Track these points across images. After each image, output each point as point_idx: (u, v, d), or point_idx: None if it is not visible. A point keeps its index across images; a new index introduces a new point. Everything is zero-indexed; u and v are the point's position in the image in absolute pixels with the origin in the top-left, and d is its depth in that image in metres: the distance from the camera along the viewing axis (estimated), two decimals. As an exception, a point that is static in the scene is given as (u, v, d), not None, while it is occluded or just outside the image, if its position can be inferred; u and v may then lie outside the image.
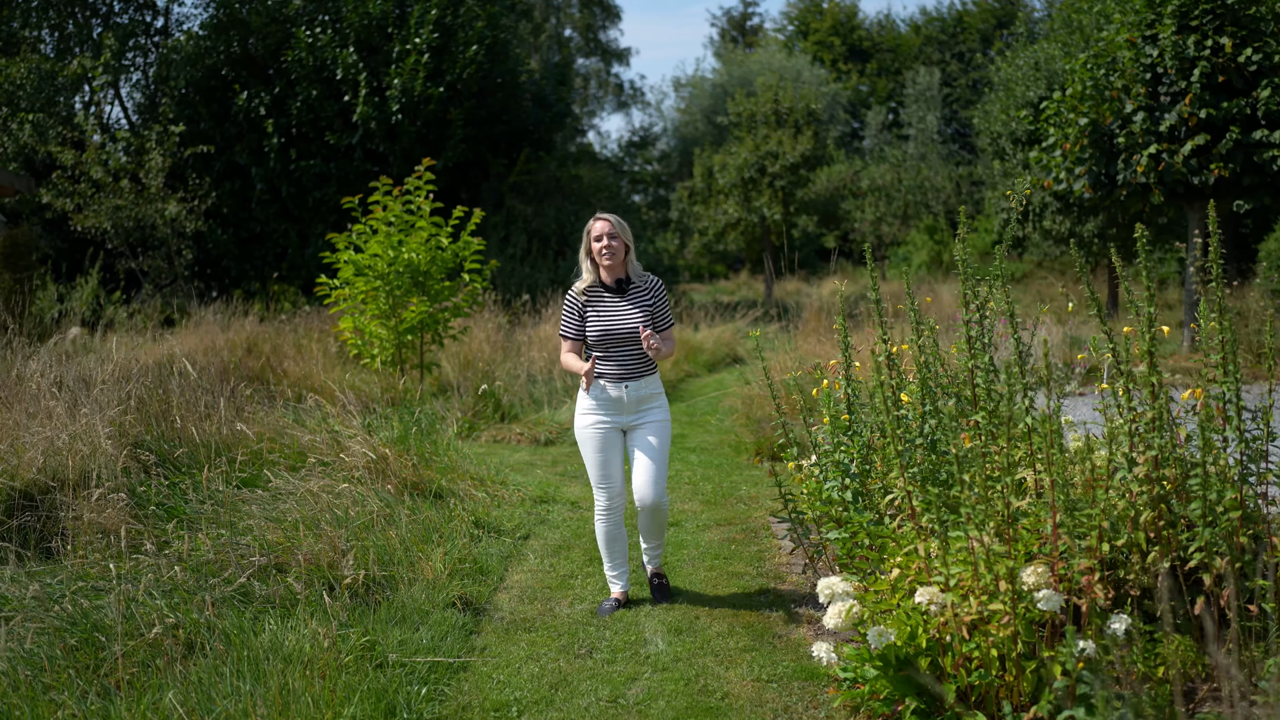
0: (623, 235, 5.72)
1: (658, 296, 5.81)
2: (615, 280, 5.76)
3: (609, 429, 5.72)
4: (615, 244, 5.68)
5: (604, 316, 5.68)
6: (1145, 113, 15.42)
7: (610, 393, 5.67)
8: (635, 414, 5.73)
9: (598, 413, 5.71)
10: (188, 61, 20.52)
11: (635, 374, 5.70)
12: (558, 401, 11.42)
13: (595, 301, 5.75)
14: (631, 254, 5.81)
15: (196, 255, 21.03)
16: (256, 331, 13.87)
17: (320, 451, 7.88)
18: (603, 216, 5.77)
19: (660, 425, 5.76)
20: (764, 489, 8.59)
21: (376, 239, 11.48)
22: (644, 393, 5.72)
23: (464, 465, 8.52)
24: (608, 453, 5.71)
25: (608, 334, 5.65)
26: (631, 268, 5.81)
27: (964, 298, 5.03)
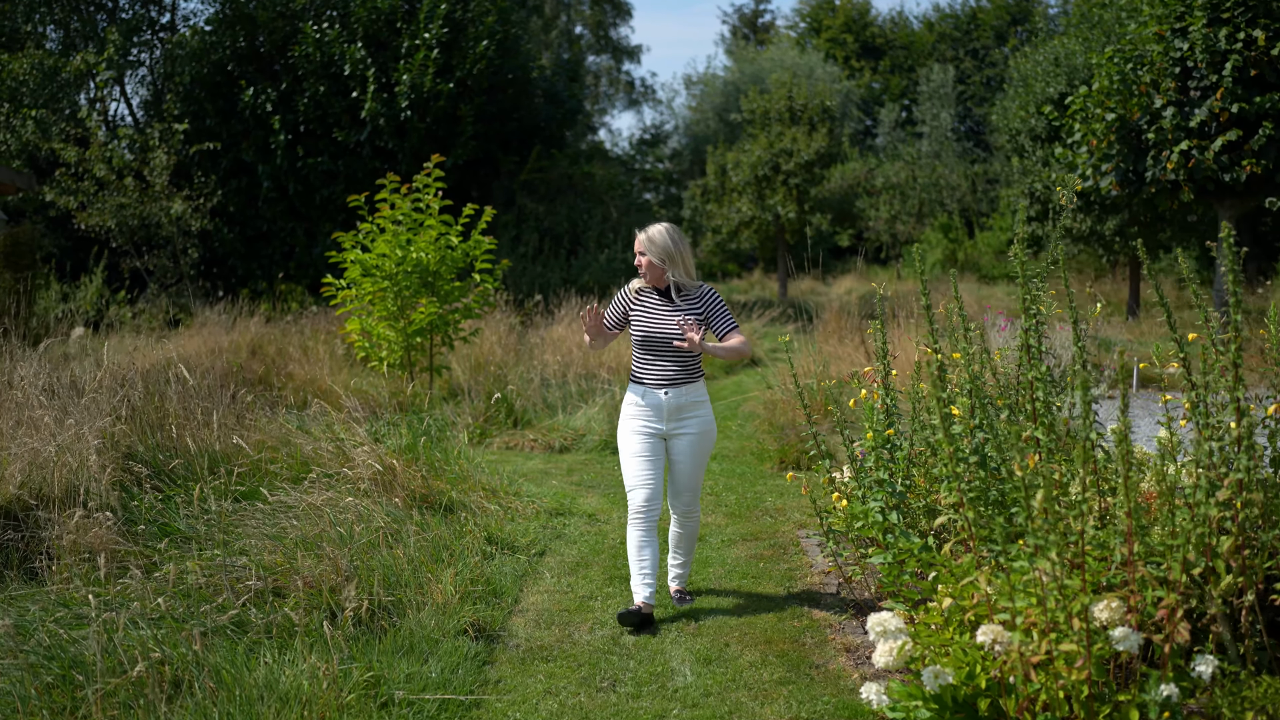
0: (650, 252, 5.64)
1: (709, 304, 5.73)
2: (666, 285, 5.72)
3: (649, 434, 5.66)
4: (644, 261, 5.68)
5: (646, 319, 5.68)
6: (1175, 108, 14.98)
7: (652, 398, 5.65)
8: (675, 422, 5.66)
9: (640, 418, 5.68)
10: (193, 57, 20.14)
11: (675, 381, 5.64)
12: (573, 406, 11.02)
13: (642, 303, 5.73)
14: (675, 267, 5.65)
15: (202, 254, 20.67)
16: (261, 333, 13.49)
17: (324, 462, 7.49)
18: (638, 234, 5.77)
19: (697, 437, 5.69)
20: (790, 500, 8.18)
21: (384, 238, 11.10)
22: (683, 400, 5.65)
23: (475, 475, 8.12)
24: (644, 457, 5.64)
25: (648, 337, 5.64)
26: (677, 279, 5.68)
27: (1023, 303, 4.61)
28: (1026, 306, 4.52)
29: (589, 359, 12.53)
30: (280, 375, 11.85)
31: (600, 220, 21.76)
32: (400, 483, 7.15)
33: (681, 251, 5.66)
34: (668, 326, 5.60)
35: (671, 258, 5.63)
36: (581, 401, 11.10)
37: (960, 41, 55.57)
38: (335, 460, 7.44)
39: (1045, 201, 24.45)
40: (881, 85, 54.91)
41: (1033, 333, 4.58)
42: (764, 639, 5.31)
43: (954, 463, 3.92)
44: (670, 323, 5.60)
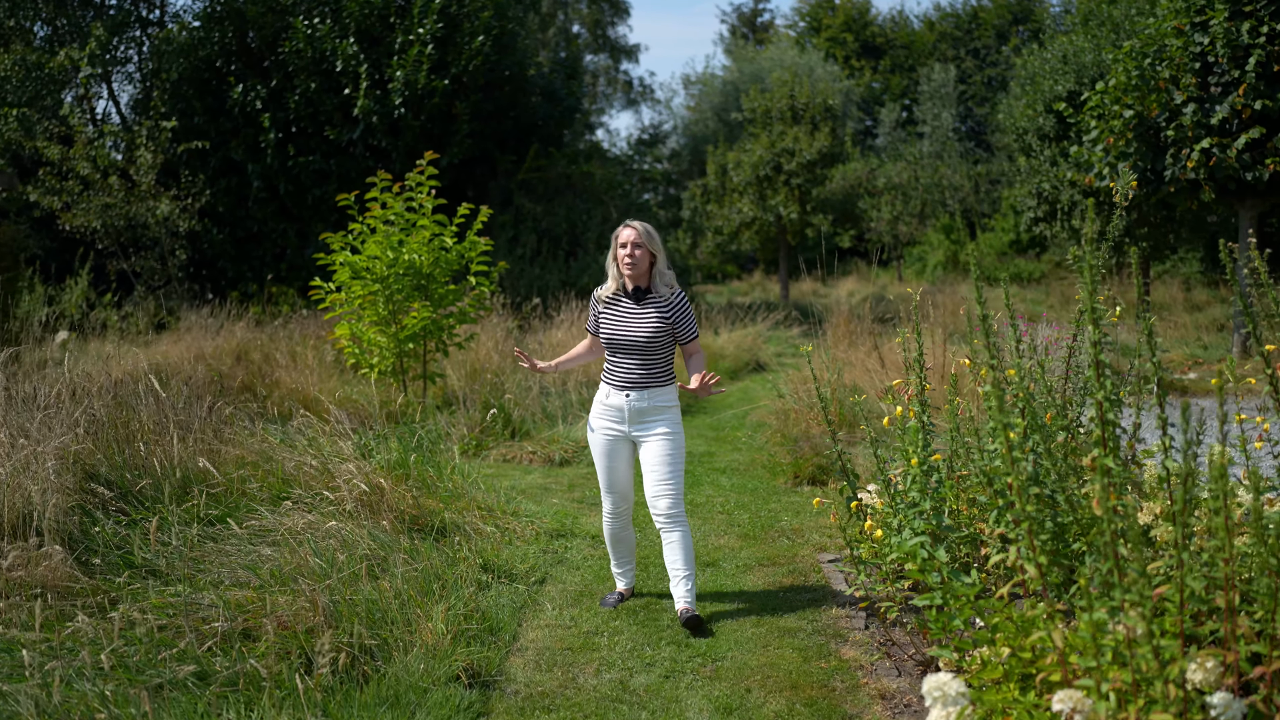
0: (648, 245, 5.60)
1: (678, 310, 5.64)
2: (635, 288, 5.65)
3: (614, 437, 5.67)
4: (639, 254, 5.58)
5: (615, 322, 5.64)
6: (1195, 104, 14.45)
7: (612, 400, 5.65)
8: (639, 425, 5.61)
9: (603, 419, 5.70)
10: (181, 53, 19.53)
11: (638, 384, 5.60)
12: (573, 417, 10.46)
13: (612, 307, 5.69)
14: (660, 264, 5.66)
15: (191, 255, 20.09)
16: (248, 338, 12.92)
17: (307, 481, 6.95)
18: (630, 224, 5.65)
19: (665, 438, 5.58)
20: (807, 519, 7.64)
21: (375, 239, 10.54)
22: (646, 404, 5.59)
23: (470, 492, 7.57)
24: (611, 460, 5.69)
25: (614, 339, 5.62)
26: (658, 278, 5.66)
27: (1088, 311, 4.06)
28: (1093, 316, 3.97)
29: (590, 366, 11.97)
30: (266, 383, 11.30)
31: (600, 221, 21.21)
32: (389, 504, 6.61)
33: (662, 247, 5.73)
34: (638, 330, 5.57)
35: (660, 253, 5.67)
36: (583, 411, 10.55)
37: (961, 41, 55.13)
38: (319, 479, 6.90)
39: (1053, 202, 23.94)
40: (882, 85, 54.45)
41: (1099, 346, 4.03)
42: (789, 683, 4.78)
43: (1023, 500, 3.38)
44: (640, 326, 5.57)
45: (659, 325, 5.56)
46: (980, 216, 42.67)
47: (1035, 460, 4.34)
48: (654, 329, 5.55)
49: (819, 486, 8.56)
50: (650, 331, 5.55)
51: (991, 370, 3.83)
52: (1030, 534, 3.42)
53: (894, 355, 11.89)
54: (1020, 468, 3.48)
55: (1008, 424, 3.38)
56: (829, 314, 14.62)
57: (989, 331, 3.91)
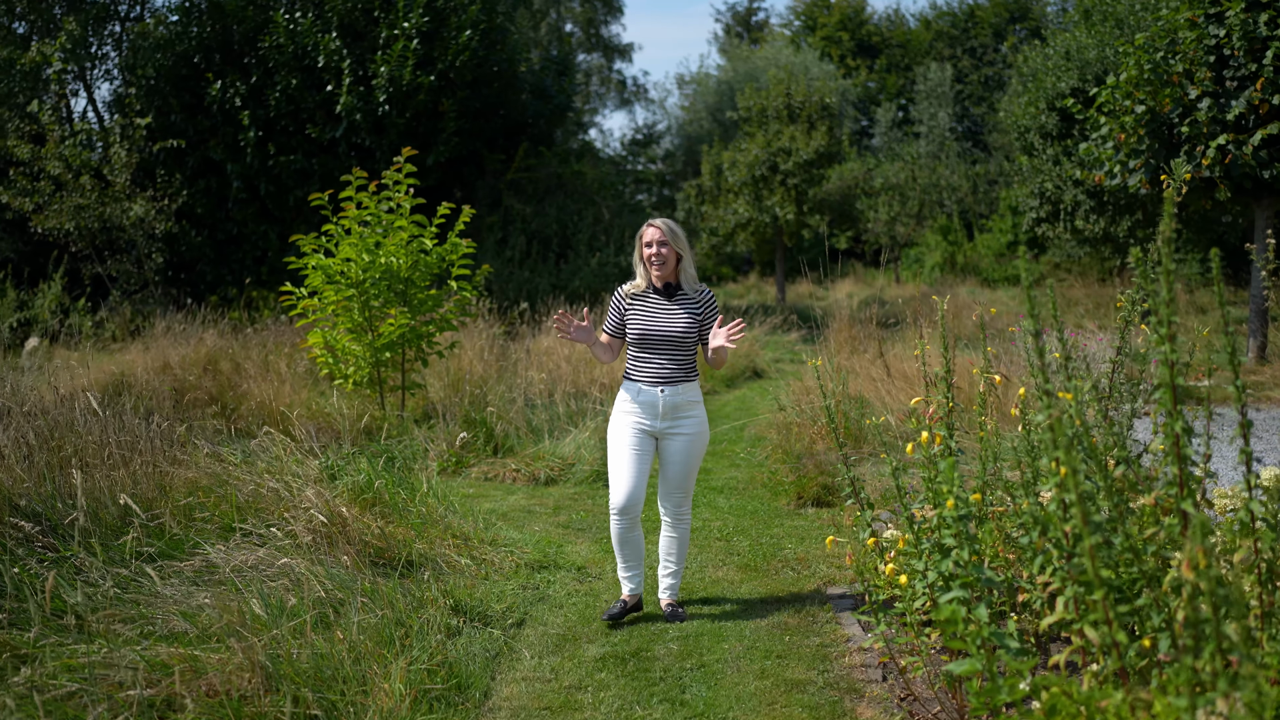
0: (674, 243, 5.65)
1: (707, 307, 5.73)
2: (665, 285, 5.70)
3: (641, 430, 5.62)
4: (666, 251, 5.64)
5: (646, 318, 5.65)
6: (1211, 99, 13.84)
7: (645, 396, 5.61)
8: (670, 421, 5.61)
9: (633, 414, 5.64)
10: (157, 49, 18.84)
11: (672, 379, 5.61)
12: (560, 430, 9.80)
13: (640, 303, 5.71)
14: (686, 261, 5.73)
15: (169, 259, 19.39)
16: (219, 346, 12.25)
17: (264, 509, 6.30)
18: (654, 223, 5.69)
19: (692, 438, 5.65)
20: (813, 546, 6.99)
21: (349, 241, 9.91)
22: (680, 399, 5.61)
23: (445, 518, 6.93)
24: (633, 451, 5.60)
25: (646, 335, 5.62)
26: (684, 275, 5.74)
27: (1164, 326, 3.41)
28: (1169, 332, 3.33)
29: (579, 375, 11.34)
30: (235, 395, 10.64)
31: (591, 222, 20.55)
32: (350, 535, 5.96)
33: (689, 246, 5.75)
34: (670, 325, 5.60)
35: (685, 250, 5.71)
36: (570, 424, 9.89)
37: (958, 40, 54.57)
38: (275, 506, 6.25)
39: (1056, 202, 23.34)
40: (878, 84, 53.87)
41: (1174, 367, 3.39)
42: (800, 753, 4.15)
43: (1096, 563, 2.74)
44: (674, 322, 5.61)
45: (691, 321, 5.62)
46: (978, 217, 42.13)
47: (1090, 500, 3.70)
48: (687, 324, 5.61)
49: (824, 508, 7.93)
50: (684, 327, 5.60)
51: (1047, 400, 3.19)
52: (1106, 605, 2.78)
53: (900, 363, 11.27)
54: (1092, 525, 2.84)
55: (1076, 469, 2.74)
56: (829, 318, 13.98)
57: (1042, 351, 3.27)
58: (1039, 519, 3.49)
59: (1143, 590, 3.61)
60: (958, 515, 3.55)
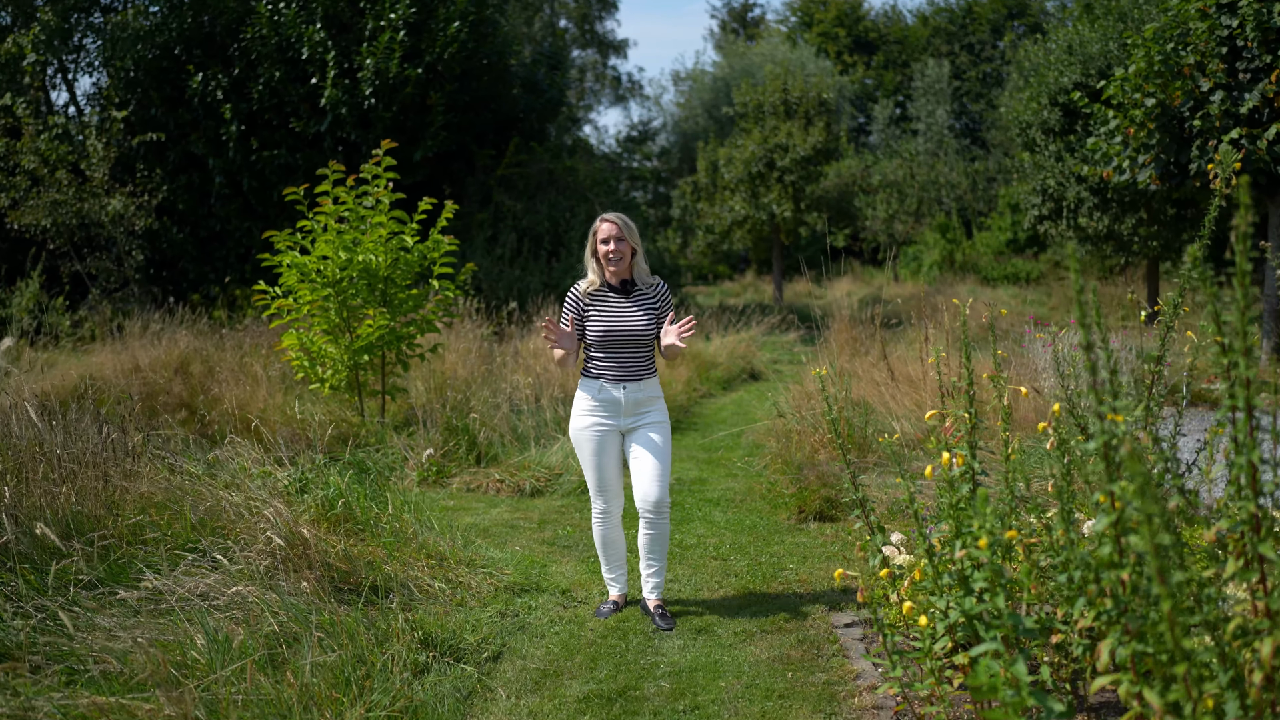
0: (629, 238, 5.58)
1: (663, 300, 5.69)
2: (620, 281, 5.63)
3: (606, 431, 5.58)
4: (622, 247, 5.55)
5: (607, 318, 5.56)
6: (1224, 92, 13.35)
7: (610, 394, 5.55)
8: (633, 416, 5.58)
9: (596, 414, 5.58)
10: (136, 40, 18.28)
11: (635, 376, 5.57)
12: (547, 439, 9.28)
13: (599, 302, 5.61)
14: (639, 256, 5.67)
15: (150, 256, 18.86)
16: (192, 347, 11.73)
17: (222, 527, 5.80)
18: (608, 218, 5.59)
19: (656, 427, 5.58)
20: (816, 564, 6.50)
21: (325, 238, 9.40)
22: (643, 395, 5.58)
23: (420, 535, 6.43)
24: (604, 456, 5.58)
25: (608, 335, 5.52)
26: (638, 270, 5.67)
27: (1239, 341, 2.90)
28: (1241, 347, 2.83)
29: (569, 380, 10.83)
30: (206, 399, 10.13)
31: (584, 219, 20.02)
32: (314, 557, 5.46)
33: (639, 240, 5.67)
34: (631, 324, 5.53)
35: (639, 243, 5.64)
36: (558, 431, 9.37)
37: (955, 36, 54.16)
38: (233, 525, 5.75)
39: (1058, 199, 22.85)
40: (875, 81, 53.40)
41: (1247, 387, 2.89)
42: (807, 816, 3.65)
43: (1176, 630, 2.25)
44: (634, 320, 5.54)
45: (650, 319, 5.57)
46: (976, 215, 41.71)
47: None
48: (647, 322, 5.55)
49: (827, 523, 7.43)
50: (644, 325, 5.54)
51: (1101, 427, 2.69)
52: (1189, 684, 2.29)
53: (904, 366, 10.78)
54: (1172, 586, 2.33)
55: (1153, 516, 2.24)
56: (828, 318, 13.48)
57: (1095, 368, 2.76)
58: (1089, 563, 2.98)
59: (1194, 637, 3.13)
60: (991, 556, 3.06)
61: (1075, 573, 3.43)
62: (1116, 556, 2.71)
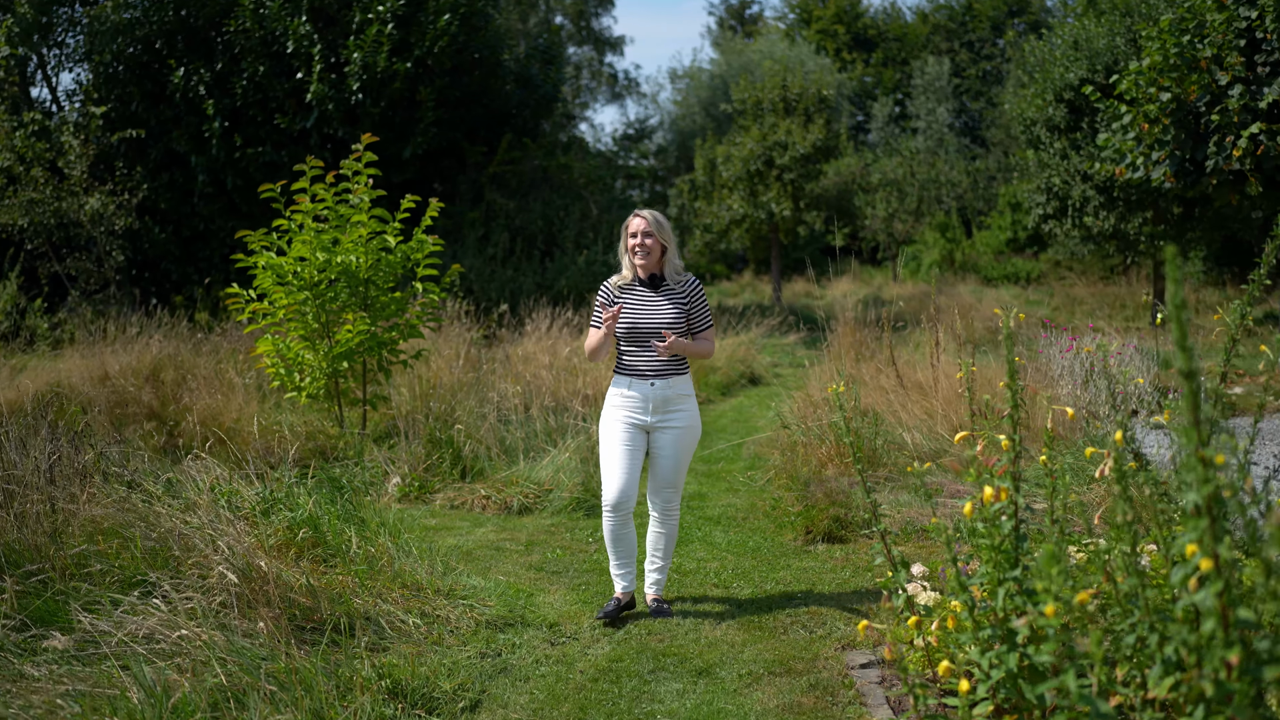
0: (659, 234, 5.61)
1: (694, 296, 5.69)
2: (650, 276, 5.68)
3: (632, 425, 5.57)
4: (650, 242, 5.60)
5: (634, 307, 5.61)
6: (1243, 85, 12.84)
7: (636, 388, 5.57)
8: (661, 414, 5.58)
9: (624, 409, 5.59)
10: (116, 33, 17.70)
11: (662, 372, 5.58)
12: (537, 451, 8.71)
13: (628, 296, 5.67)
14: (670, 253, 5.68)
15: (131, 257, 18.30)
16: (165, 352, 11.18)
17: (177, 556, 5.27)
18: (640, 213, 5.65)
19: (683, 431, 5.60)
20: (826, 593, 5.96)
21: (302, 238, 8.86)
22: (671, 392, 5.58)
23: (396, 560, 5.90)
24: (625, 446, 5.54)
25: (635, 327, 5.57)
26: (669, 266, 5.69)
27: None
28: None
29: (560, 386, 10.29)
30: (177, 408, 9.59)
31: (579, 218, 19.47)
32: (272, 593, 4.93)
33: (673, 235, 5.68)
34: (658, 317, 5.56)
35: (670, 241, 5.66)
36: (549, 443, 8.80)
37: (955, 33, 53.70)
38: (188, 554, 5.22)
39: (1064, 198, 22.33)
40: (874, 79, 52.89)
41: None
42: None
43: None
44: (661, 313, 5.57)
45: (677, 311, 5.59)
46: (976, 214, 41.25)
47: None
48: (674, 315, 5.57)
49: (837, 544, 6.90)
50: (671, 317, 5.56)
51: (1203, 475, 2.16)
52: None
53: (912, 371, 10.25)
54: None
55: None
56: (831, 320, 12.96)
57: (1196, 397, 2.23)
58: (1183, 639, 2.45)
59: None
60: (1061, 630, 2.53)
61: (1149, 635, 2.91)
62: (1222, 633, 2.19)
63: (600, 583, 6.19)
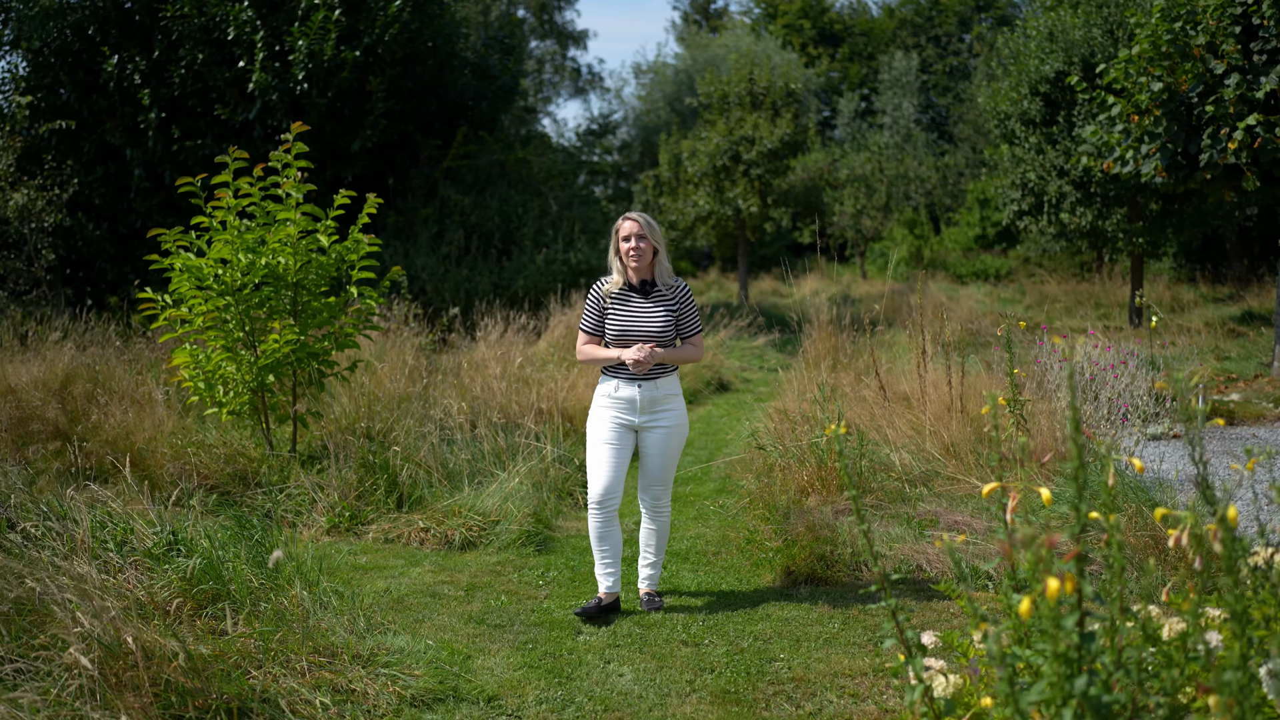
0: (651, 236, 5.60)
1: (683, 302, 5.70)
2: (641, 281, 5.67)
3: (620, 425, 5.58)
4: (644, 245, 5.59)
5: (625, 316, 5.61)
6: (1239, 74, 12.13)
7: (624, 392, 5.57)
8: (649, 415, 5.59)
9: (612, 409, 5.58)
10: (47, 18, 16.63)
11: (650, 375, 5.56)
12: (483, 476, 7.78)
13: (620, 301, 5.65)
14: (661, 256, 5.67)
15: (65, 255, 17.24)
16: (81, 362, 10.20)
17: (38, 621, 4.38)
18: (631, 216, 5.63)
19: (669, 430, 5.61)
20: (814, 653, 5.12)
21: (224, 237, 7.93)
22: (658, 394, 5.59)
23: (312, 615, 5.03)
24: (611, 445, 5.55)
25: (626, 334, 5.57)
26: (660, 270, 5.68)
27: None
28: None
29: (509, 402, 9.39)
30: (85, 426, 8.63)
31: (538, 215, 18.55)
32: (142, 677, 4.03)
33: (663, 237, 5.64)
34: (649, 324, 5.56)
35: (662, 243, 5.62)
36: (497, 466, 7.89)
37: (922, 28, 53.24)
38: (40, 623, 4.33)
39: (1039, 193, 21.65)
40: (840, 74, 52.30)
41: None
42: None
43: None
44: (652, 319, 5.56)
45: (668, 319, 5.59)
46: (944, 210, 40.74)
47: None
48: (664, 322, 5.58)
49: (821, 586, 6.05)
50: (661, 325, 5.57)
51: None
52: None
53: (897, 381, 9.45)
54: None
55: None
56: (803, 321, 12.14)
57: None
58: None
59: None
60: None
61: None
62: None
63: (550, 639, 5.32)
